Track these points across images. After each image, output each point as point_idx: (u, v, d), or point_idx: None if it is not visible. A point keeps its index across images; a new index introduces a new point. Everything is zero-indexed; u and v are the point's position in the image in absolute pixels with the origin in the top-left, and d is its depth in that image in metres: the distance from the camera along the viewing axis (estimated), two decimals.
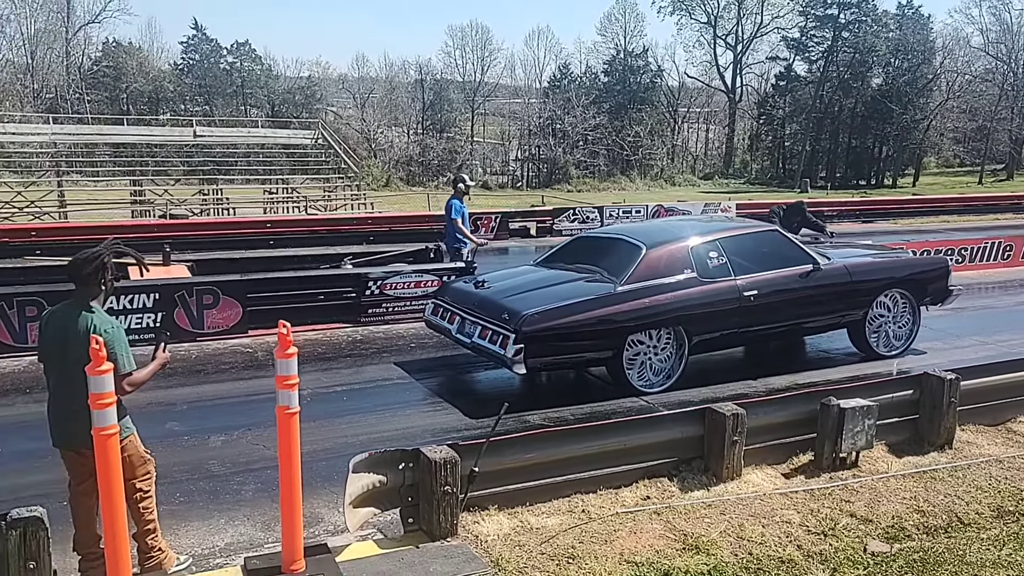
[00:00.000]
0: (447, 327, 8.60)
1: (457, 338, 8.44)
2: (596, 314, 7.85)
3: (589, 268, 8.57)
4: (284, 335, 4.33)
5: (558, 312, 7.73)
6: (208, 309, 10.17)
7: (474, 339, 8.09)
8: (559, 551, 4.93)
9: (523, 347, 7.48)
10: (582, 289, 8.14)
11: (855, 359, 9.52)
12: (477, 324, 8.11)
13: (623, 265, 8.27)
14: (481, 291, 8.53)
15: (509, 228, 22.12)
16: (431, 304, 9.19)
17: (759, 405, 6.22)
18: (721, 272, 8.45)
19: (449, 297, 8.90)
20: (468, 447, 5.21)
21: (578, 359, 8.26)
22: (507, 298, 8.12)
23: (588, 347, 7.99)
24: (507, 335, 7.59)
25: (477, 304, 8.33)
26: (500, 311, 7.88)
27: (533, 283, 8.49)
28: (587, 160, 54.48)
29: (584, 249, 9.27)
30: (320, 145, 37.20)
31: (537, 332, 7.57)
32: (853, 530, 5.31)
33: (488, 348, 7.86)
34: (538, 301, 7.87)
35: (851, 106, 56.52)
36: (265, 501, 5.78)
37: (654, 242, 8.53)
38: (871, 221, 25.91)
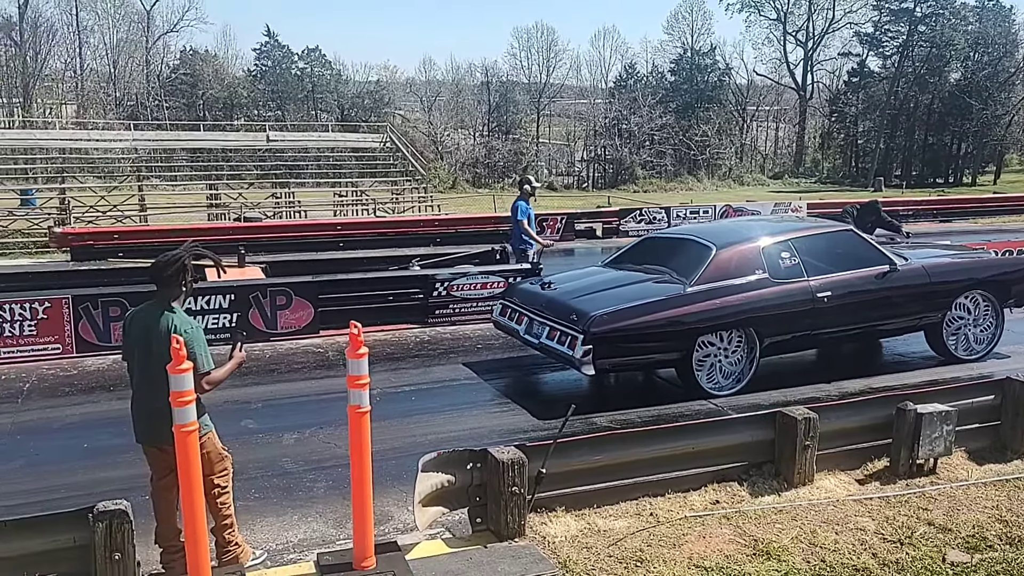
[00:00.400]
0: (515, 328, 8.64)
1: (525, 339, 8.47)
2: (665, 315, 7.79)
3: (658, 269, 8.50)
4: (355, 336, 4.41)
5: (626, 313, 7.70)
6: (281, 310, 10.41)
7: (542, 340, 8.10)
8: (627, 554, 4.91)
9: (591, 348, 7.46)
10: (651, 290, 8.09)
11: (932, 363, 9.24)
12: (545, 325, 8.12)
13: (693, 266, 8.19)
14: (549, 292, 8.54)
15: (575, 229, 22.07)
16: (499, 305, 9.24)
17: (832, 409, 6.11)
18: (794, 273, 8.31)
19: (517, 298, 8.94)
20: (536, 448, 5.23)
21: (647, 361, 8.22)
22: (575, 299, 8.11)
23: (657, 349, 7.94)
24: (575, 336, 7.59)
25: (545, 305, 8.33)
26: (568, 312, 7.87)
27: (601, 284, 8.47)
28: (653, 160, 54.03)
29: (653, 250, 9.21)
30: (388, 148, 37.67)
31: (605, 333, 7.55)
32: (931, 539, 5.16)
33: (556, 349, 7.86)
34: (606, 302, 7.84)
35: (927, 102, 54.84)
36: (336, 499, 5.88)
37: (725, 242, 8.43)
38: (949, 220, 25.12)
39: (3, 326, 9.27)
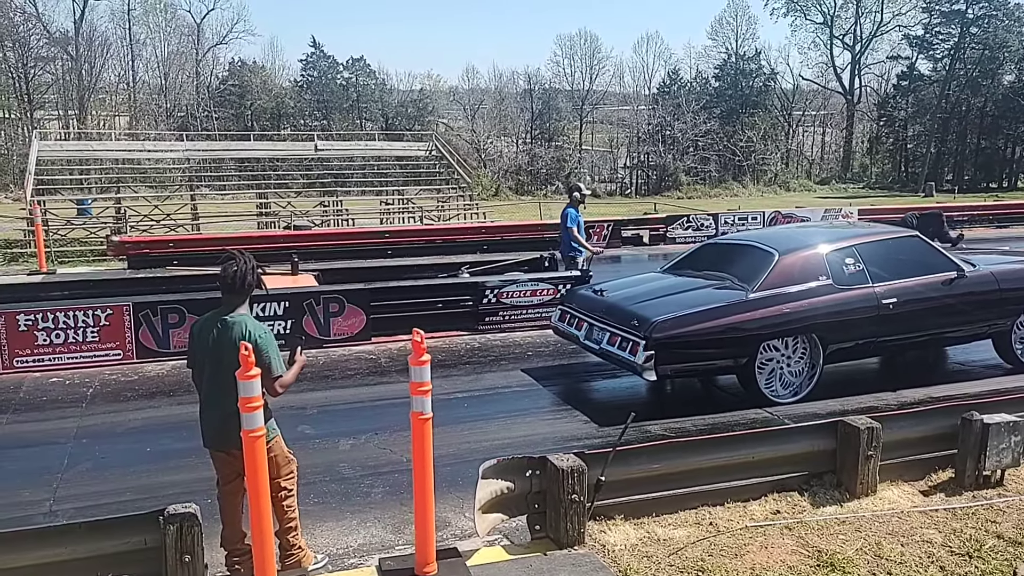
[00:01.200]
0: (575, 333, 8.65)
1: (585, 344, 8.48)
2: (727, 321, 7.75)
3: (719, 275, 8.46)
4: (418, 343, 4.46)
5: (688, 319, 7.69)
6: (334, 317, 10.54)
7: (603, 345, 8.11)
8: (688, 563, 4.88)
9: (653, 354, 7.48)
10: (712, 296, 8.05)
11: (996, 372, 9.05)
12: (606, 331, 8.12)
13: (755, 272, 8.14)
14: (610, 297, 8.54)
15: (622, 236, 21.98)
16: (558, 311, 9.26)
17: (895, 419, 6.00)
18: (858, 279, 8.22)
19: (577, 303, 8.95)
20: (594, 456, 5.22)
21: (708, 367, 8.21)
22: (636, 304, 8.10)
23: (718, 355, 7.94)
24: (637, 341, 7.59)
25: (606, 310, 8.34)
26: (630, 318, 7.88)
27: (662, 290, 8.46)
28: (697, 166, 53.65)
29: (713, 256, 9.19)
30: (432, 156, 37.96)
31: (667, 339, 7.55)
32: (1001, 552, 5.05)
33: (617, 354, 7.87)
34: (668, 308, 7.84)
35: (980, 105, 53.71)
36: (394, 504, 5.94)
37: (787, 248, 8.38)
38: (1006, 226, 24.53)
39: (67, 332, 9.51)
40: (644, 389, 8.77)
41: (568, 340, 9.00)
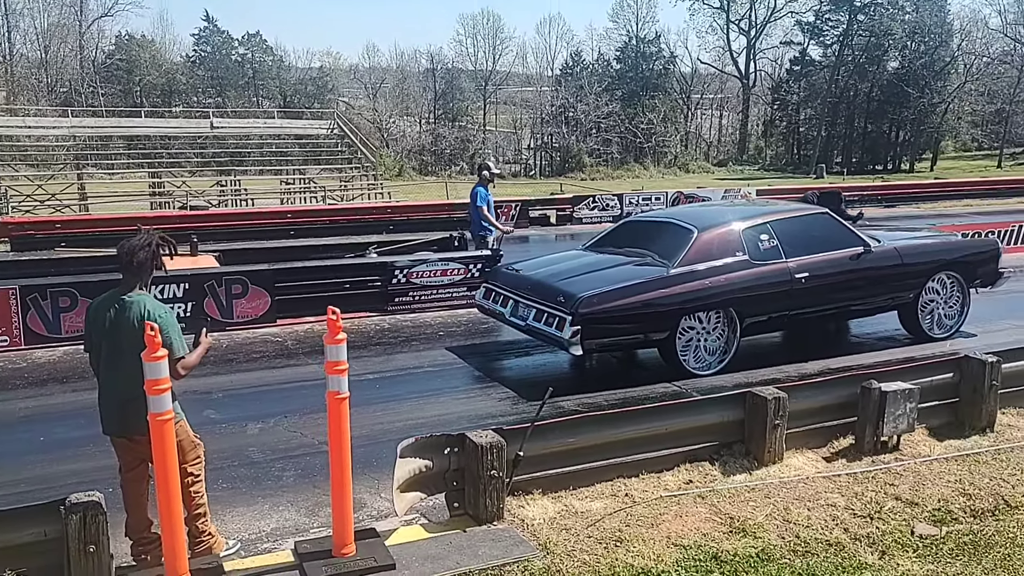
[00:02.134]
0: (500, 310, 8.69)
1: (511, 321, 8.53)
2: (649, 296, 7.91)
3: (640, 252, 8.61)
4: (334, 321, 4.34)
5: (613, 295, 7.81)
6: (237, 299, 10.21)
7: (529, 322, 8.17)
8: (605, 534, 4.93)
9: (580, 329, 7.56)
10: (635, 272, 8.21)
11: (889, 344, 9.50)
12: (531, 307, 8.18)
13: (675, 248, 8.32)
14: (535, 275, 8.60)
15: (529, 216, 22.08)
16: (483, 288, 9.26)
17: (799, 389, 6.20)
18: (772, 255, 8.48)
19: (501, 281, 8.97)
20: (513, 431, 5.21)
21: (632, 341, 8.36)
22: (561, 281, 8.19)
23: (641, 329, 8.09)
24: (563, 317, 7.68)
25: (531, 287, 8.40)
26: (555, 294, 7.95)
27: (586, 266, 8.56)
28: (600, 148, 54.28)
29: (633, 233, 9.34)
30: (334, 135, 37.24)
31: (593, 314, 7.65)
32: (900, 513, 5.28)
33: (543, 331, 7.94)
34: (593, 284, 7.94)
35: (867, 90, 56.07)
36: (306, 487, 5.82)
37: (705, 225, 8.58)
38: (893, 206, 25.74)
39: None
40: (557, 366, 8.83)
41: (492, 317, 9.02)
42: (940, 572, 4.54)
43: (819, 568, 4.61)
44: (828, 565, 4.64)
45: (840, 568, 4.61)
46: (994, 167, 51.38)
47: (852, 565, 4.65)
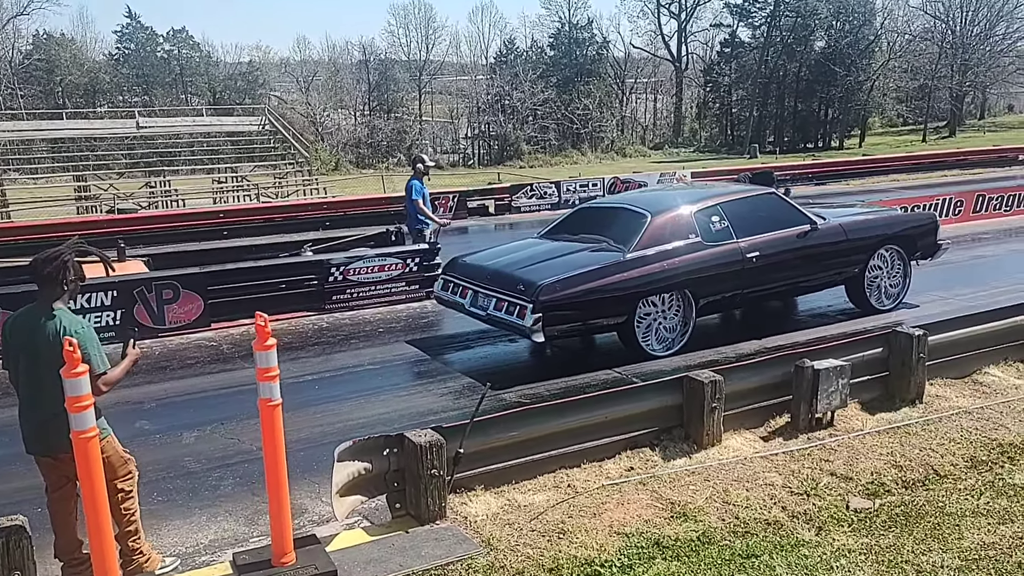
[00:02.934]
0: (459, 301, 8.69)
1: (471, 311, 8.54)
2: (608, 282, 8.00)
3: (595, 238, 8.71)
4: (262, 327, 4.24)
5: (572, 281, 7.88)
6: (168, 304, 9.96)
7: (489, 311, 8.20)
8: (549, 527, 4.94)
9: (541, 316, 7.63)
10: (592, 258, 8.28)
11: (821, 321, 9.71)
12: (491, 296, 8.21)
13: (630, 233, 8.43)
14: (493, 264, 8.65)
15: (467, 207, 21.95)
16: (440, 280, 9.26)
17: (735, 371, 6.28)
18: (724, 236, 8.65)
19: (459, 271, 8.97)
20: (452, 429, 5.17)
21: (592, 326, 8.43)
22: (520, 269, 8.25)
23: (601, 314, 8.18)
24: (524, 305, 7.73)
25: (490, 277, 8.42)
26: (515, 283, 8.00)
27: (543, 254, 8.63)
28: (537, 135, 54.33)
29: (587, 219, 9.42)
30: (266, 131, 36.55)
31: (554, 301, 7.72)
32: (835, 488, 5.40)
33: (505, 319, 7.99)
34: (552, 271, 8.01)
35: (796, 70, 57.13)
36: (245, 495, 5.71)
37: (658, 209, 8.70)
38: (824, 183, 26.27)
39: None
40: (498, 358, 8.82)
41: (452, 308, 9.02)
42: (874, 545, 4.65)
43: (759, 548, 4.68)
44: (767, 544, 4.71)
45: (779, 547, 4.69)
46: (919, 141, 52.87)
47: (790, 543, 4.73)
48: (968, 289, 10.76)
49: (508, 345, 9.27)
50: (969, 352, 7.28)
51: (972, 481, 5.42)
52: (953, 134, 56.29)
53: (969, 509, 5.00)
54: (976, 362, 7.35)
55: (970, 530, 4.72)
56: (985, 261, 12.86)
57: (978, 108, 67.58)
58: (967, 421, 6.36)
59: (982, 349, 7.36)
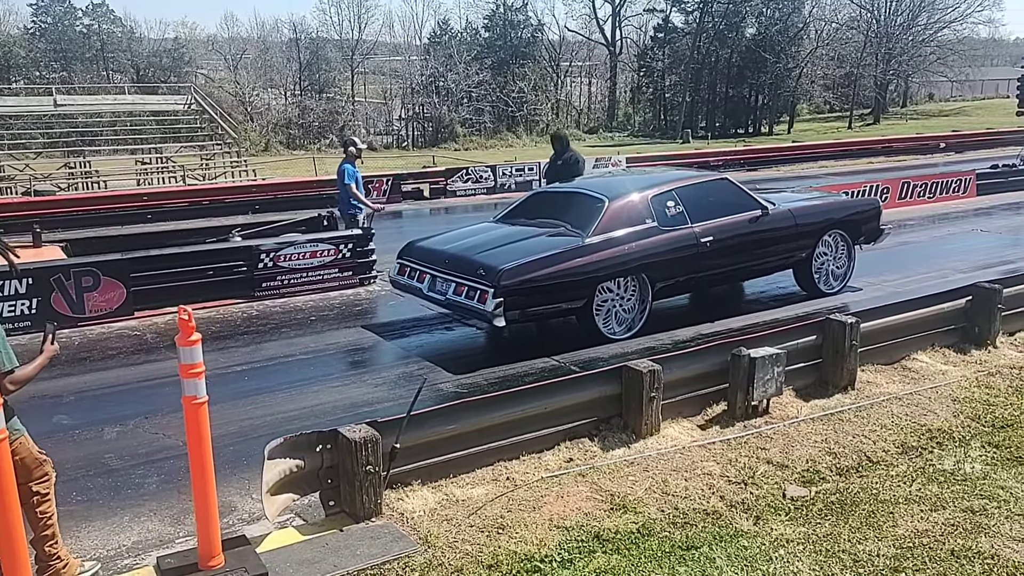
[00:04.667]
0: (416, 286, 8.60)
1: (429, 296, 8.46)
2: (567, 266, 8.02)
3: (552, 223, 8.70)
4: (185, 321, 4.04)
5: (533, 266, 7.88)
6: (88, 292, 9.53)
7: (448, 296, 8.13)
8: (488, 522, 4.85)
9: (503, 301, 7.60)
10: (551, 243, 8.29)
11: (755, 307, 9.82)
12: (450, 281, 8.14)
13: (588, 218, 8.46)
14: (451, 248, 8.58)
15: (402, 191, 21.62)
16: (396, 264, 9.10)
17: (673, 359, 6.27)
18: (679, 220, 8.73)
19: (416, 256, 8.86)
20: (388, 423, 5.03)
21: (551, 310, 8.40)
22: (480, 254, 8.20)
23: (561, 298, 8.18)
24: (485, 290, 7.68)
25: (449, 261, 8.34)
26: (475, 267, 7.94)
27: (502, 239, 8.60)
28: (472, 118, 53.92)
29: (544, 204, 9.43)
30: (193, 110, 35.41)
31: (515, 286, 7.71)
32: (771, 476, 5.43)
33: (465, 304, 7.92)
34: (512, 256, 7.99)
35: (727, 56, 57.83)
36: (171, 493, 5.48)
37: (615, 194, 8.74)
38: (755, 169, 26.65)
39: None
40: (434, 346, 8.68)
41: (409, 293, 8.90)
42: (811, 534, 4.67)
43: (698, 539, 4.67)
44: (706, 535, 4.70)
45: (718, 537, 4.68)
46: (845, 128, 54.11)
47: (729, 533, 4.73)
48: (896, 276, 11.00)
49: (444, 334, 9.14)
50: (899, 339, 7.42)
51: (904, 467, 5.51)
52: (877, 121, 57.78)
53: (902, 496, 5.07)
54: (905, 348, 7.49)
55: (903, 517, 4.79)
56: (911, 248, 13.18)
57: (901, 96, 69.43)
58: (897, 407, 6.47)
59: (911, 336, 7.51)
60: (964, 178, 18.96)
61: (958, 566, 4.25)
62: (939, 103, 71.23)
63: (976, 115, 56.20)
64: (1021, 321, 8.27)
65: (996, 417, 6.29)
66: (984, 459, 5.56)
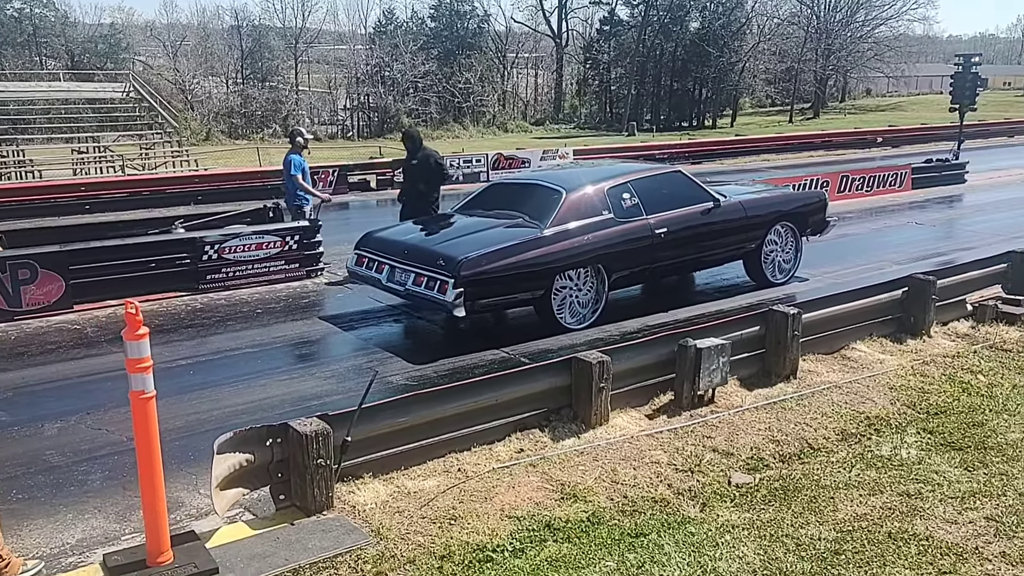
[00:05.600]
0: (375, 277, 8.62)
1: (388, 286, 8.48)
2: (526, 257, 8.11)
3: (510, 214, 8.78)
4: (132, 315, 3.98)
5: (492, 256, 7.95)
6: (25, 284, 9.27)
7: (408, 287, 8.16)
8: (440, 513, 4.87)
9: (463, 291, 7.65)
10: (510, 234, 8.35)
11: (700, 298, 10.00)
12: (410, 272, 8.18)
13: (546, 209, 8.55)
14: (410, 239, 8.63)
15: (348, 182, 21.39)
16: (354, 255, 9.08)
17: (622, 351, 6.36)
18: (634, 212, 8.88)
19: (374, 246, 8.87)
20: (339, 416, 5.01)
21: (510, 300, 8.49)
22: (440, 245, 8.27)
23: (520, 288, 8.27)
24: (446, 280, 7.74)
25: (408, 252, 8.38)
26: (435, 257, 7.99)
27: (461, 230, 8.70)
28: (419, 108, 53.56)
29: (502, 196, 9.52)
30: (131, 98, 34.49)
31: (475, 276, 7.77)
32: (717, 464, 5.55)
33: (425, 295, 7.97)
34: (472, 247, 8.05)
35: (672, 50, 58.42)
36: (115, 490, 5.39)
37: (572, 186, 8.84)
38: (699, 162, 27.02)
39: None
40: (383, 339, 8.65)
41: (368, 284, 8.93)
42: (756, 520, 4.80)
43: (646, 526, 4.76)
44: (654, 523, 4.80)
45: (665, 524, 4.78)
46: (786, 122, 55.16)
47: (676, 520, 4.83)
48: (835, 267, 11.28)
49: (393, 326, 9.12)
50: (838, 329, 7.63)
51: (844, 454, 5.68)
52: (817, 115, 58.97)
53: (842, 481, 5.23)
54: (845, 338, 7.71)
55: (843, 502, 4.95)
56: (850, 240, 13.53)
57: (839, 91, 70.96)
58: (837, 395, 6.67)
59: (850, 326, 7.73)
60: (900, 172, 19.50)
61: (895, 548, 4.41)
62: (876, 98, 73.05)
63: (911, 110, 57.81)
64: (954, 311, 8.57)
65: (930, 404, 6.52)
66: (919, 445, 5.76)
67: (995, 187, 20.26)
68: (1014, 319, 8.42)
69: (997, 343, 8.00)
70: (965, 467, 5.38)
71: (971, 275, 8.87)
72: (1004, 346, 7.92)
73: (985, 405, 6.47)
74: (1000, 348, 7.88)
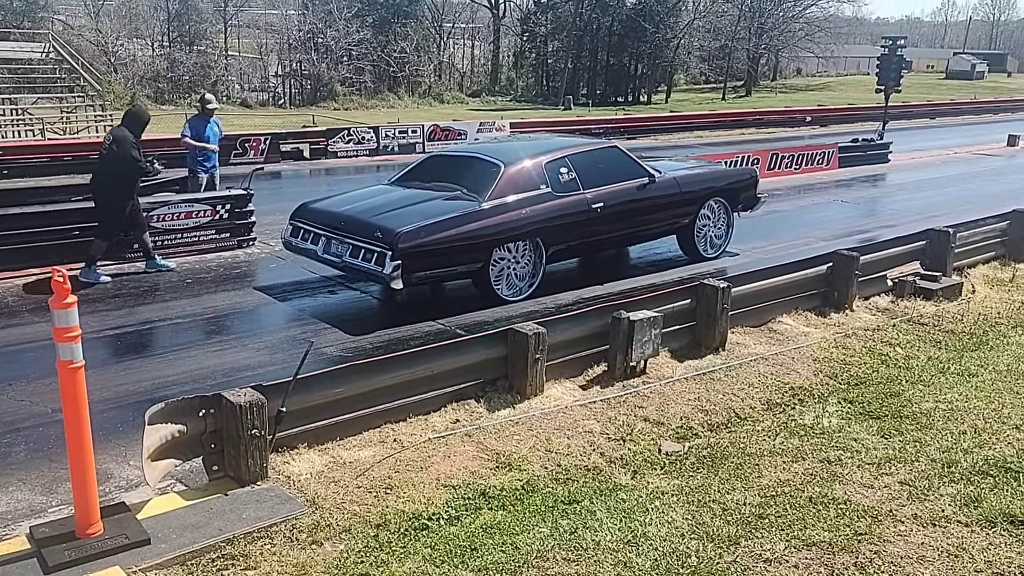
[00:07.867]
0: (311, 248, 8.53)
1: (325, 259, 8.40)
2: (464, 230, 8.11)
3: (449, 186, 8.75)
4: (60, 283, 3.88)
5: (430, 229, 7.93)
6: None
7: (345, 259, 8.10)
8: (375, 483, 4.90)
9: (400, 263, 7.63)
10: (448, 207, 8.35)
11: (634, 272, 10.16)
12: (347, 244, 8.11)
13: (484, 182, 8.57)
14: (347, 210, 8.54)
15: (280, 151, 20.96)
16: (290, 226, 8.93)
17: (557, 322, 6.44)
18: (571, 186, 8.96)
19: (310, 218, 8.74)
20: (273, 387, 4.98)
21: (449, 273, 8.48)
22: (377, 217, 8.18)
23: (458, 261, 8.28)
24: (383, 252, 7.69)
25: (345, 223, 8.29)
26: (372, 229, 7.92)
27: (398, 201, 8.61)
28: (353, 77, 52.63)
29: (440, 168, 9.47)
30: (51, 60, 33.14)
31: (413, 248, 7.75)
32: (648, 433, 5.69)
33: (362, 267, 7.92)
34: (410, 219, 8.01)
35: (609, 24, 58.56)
36: (41, 462, 5.27)
37: (510, 160, 8.88)
38: (634, 137, 27.22)
39: None
40: (317, 309, 8.57)
41: (303, 256, 8.83)
42: (685, 486, 4.95)
43: (579, 494, 4.87)
44: (587, 490, 4.91)
45: (598, 491, 4.90)
46: (719, 99, 55.96)
47: (608, 487, 4.95)
48: (763, 243, 11.57)
49: (328, 297, 9.04)
50: (766, 303, 7.86)
51: (768, 423, 5.89)
52: (749, 94, 59.98)
53: (767, 449, 5.42)
54: (771, 312, 7.95)
55: (768, 469, 5.13)
56: (778, 216, 13.86)
57: (771, 70, 72.19)
58: (764, 367, 6.88)
59: (777, 300, 7.97)
60: (827, 151, 20.02)
61: (815, 511, 4.61)
62: (806, 78, 74.50)
63: (840, 90, 59.22)
64: (875, 286, 8.91)
65: (851, 375, 6.79)
66: (840, 414, 6.00)
67: (917, 167, 20.96)
68: (931, 294, 8.79)
69: (915, 317, 8.34)
70: (882, 435, 5.62)
71: (892, 252, 9.22)
72: (921, 320, 8.27)
73: (902, 376, 6.76)
74: (917, 322, 8.23)
